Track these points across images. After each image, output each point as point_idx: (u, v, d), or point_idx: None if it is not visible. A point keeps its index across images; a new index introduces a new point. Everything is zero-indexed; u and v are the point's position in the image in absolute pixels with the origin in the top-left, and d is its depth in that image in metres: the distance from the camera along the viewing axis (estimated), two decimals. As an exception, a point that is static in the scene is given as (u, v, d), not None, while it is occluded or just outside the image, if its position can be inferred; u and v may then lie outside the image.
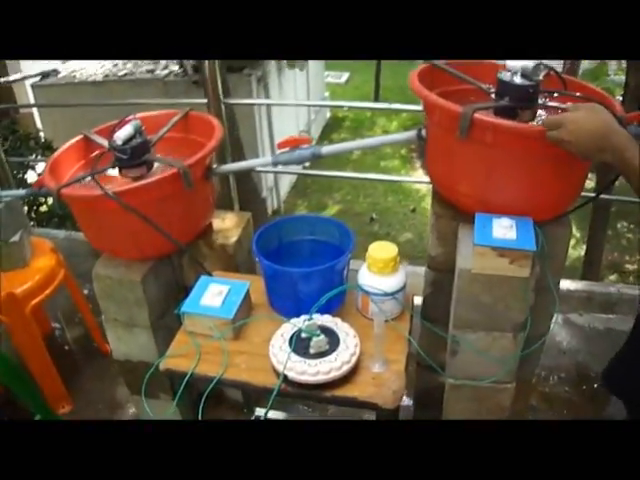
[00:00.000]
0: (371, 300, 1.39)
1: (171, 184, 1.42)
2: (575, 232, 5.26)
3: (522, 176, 1.25)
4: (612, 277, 6.62)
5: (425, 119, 1.40)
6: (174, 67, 6.97)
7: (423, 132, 1.41)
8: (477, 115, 1.17)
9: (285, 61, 6.00)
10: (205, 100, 2.33)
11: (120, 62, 7.46)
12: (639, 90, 4.57)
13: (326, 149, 1.54)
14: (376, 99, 12.36)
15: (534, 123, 1.33)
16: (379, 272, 1.40)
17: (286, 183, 9.24)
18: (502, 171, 1.25)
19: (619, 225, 7.58)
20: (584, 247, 5.21)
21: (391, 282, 1.40)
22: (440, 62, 1.46)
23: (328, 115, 11.89)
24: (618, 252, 7.17)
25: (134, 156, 1.49)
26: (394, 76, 13.41)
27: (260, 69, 7.33)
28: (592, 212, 4.59)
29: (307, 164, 1.83)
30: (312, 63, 9.90)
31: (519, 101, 1.28)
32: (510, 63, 1.31)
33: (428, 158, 1.46)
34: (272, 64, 7.84)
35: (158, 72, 7.09)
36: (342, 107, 12.61)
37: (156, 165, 1.55)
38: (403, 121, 11.26)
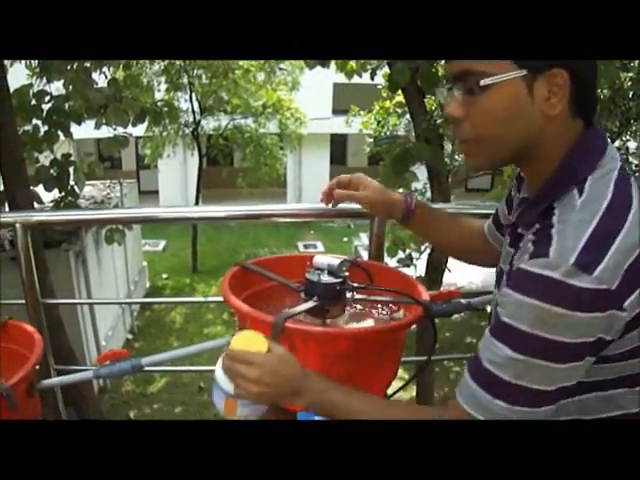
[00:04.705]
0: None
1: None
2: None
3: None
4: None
5: (238, 323, 1.35)
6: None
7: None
8: (288, 324, 1.14)
9: (104, 235, 5.74)
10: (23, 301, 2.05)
11: None
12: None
13: (145, 360, 1.42)
14: (194, 266, 12.46)
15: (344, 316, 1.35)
16: None
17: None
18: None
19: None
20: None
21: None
22: (249, 263, 1.45)
23: (148, 284, 11.65)
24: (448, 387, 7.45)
25: None
26: (210, 242, 13.77)
27: (78, 244, 6.99)
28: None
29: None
30: (130, 233, 9.74)
31: (328, 299, 1.30)
32: (317, 260, 1.34)
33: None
34: (90, 238, 7.55)
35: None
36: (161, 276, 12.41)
37: None
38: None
